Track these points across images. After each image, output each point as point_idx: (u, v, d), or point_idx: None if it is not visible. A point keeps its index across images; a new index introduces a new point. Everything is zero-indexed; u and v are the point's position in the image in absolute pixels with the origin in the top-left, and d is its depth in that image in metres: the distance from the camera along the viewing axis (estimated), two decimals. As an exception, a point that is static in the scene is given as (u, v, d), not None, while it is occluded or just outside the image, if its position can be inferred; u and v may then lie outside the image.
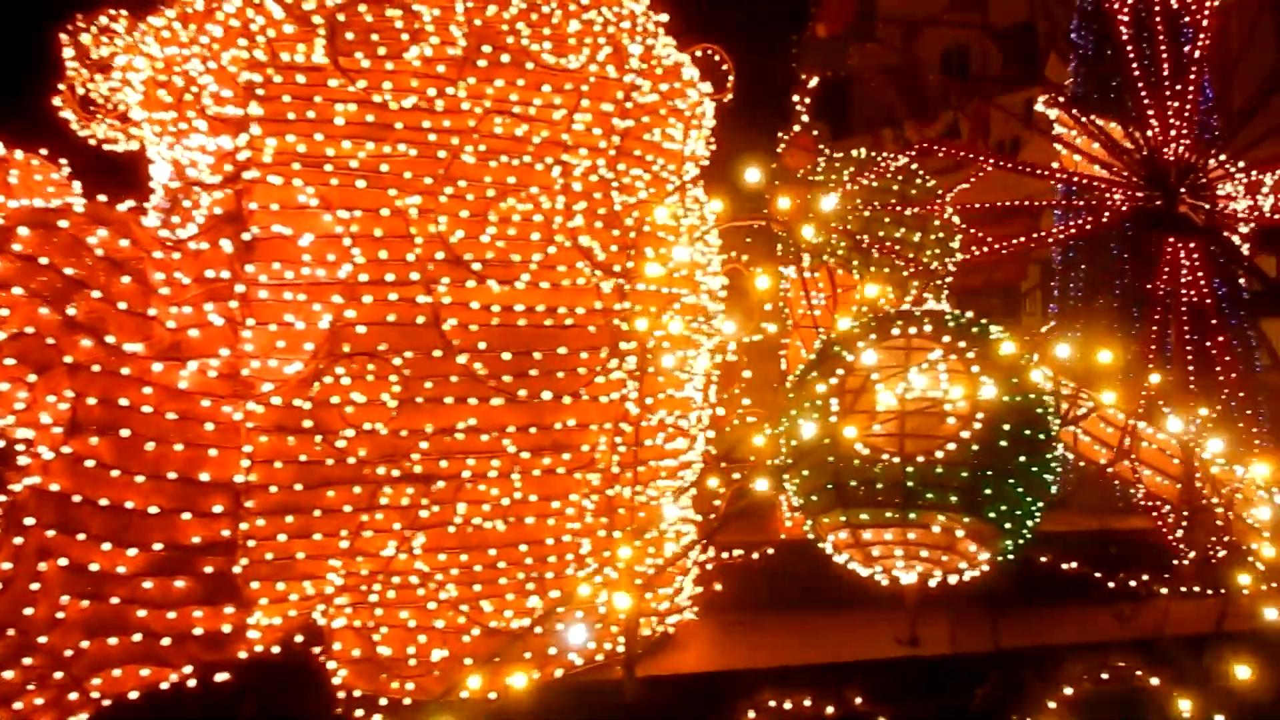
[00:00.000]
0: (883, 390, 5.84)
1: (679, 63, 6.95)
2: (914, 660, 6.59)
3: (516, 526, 5.97)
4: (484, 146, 5.91)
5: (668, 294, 6.57)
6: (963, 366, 5.79)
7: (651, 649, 6.60)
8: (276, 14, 5.69)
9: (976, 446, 5.64)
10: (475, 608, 5.85)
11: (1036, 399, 5.96)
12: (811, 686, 6.29)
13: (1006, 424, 5.70)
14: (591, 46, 6.29)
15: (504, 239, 5.92)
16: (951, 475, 5.67)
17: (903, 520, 5.81)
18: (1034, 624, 7.15)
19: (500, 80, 5.95)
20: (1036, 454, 5.86)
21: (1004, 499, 5.77)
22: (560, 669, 6.08)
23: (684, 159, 6.98)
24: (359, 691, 5.69)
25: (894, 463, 5.74)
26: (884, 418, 5.77)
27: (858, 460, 5.84)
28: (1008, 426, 5.70)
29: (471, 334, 5.77)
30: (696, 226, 6.96)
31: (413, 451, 5.67)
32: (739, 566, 7.62)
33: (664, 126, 6.76)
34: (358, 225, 5.64)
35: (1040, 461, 5.90)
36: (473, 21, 5.92)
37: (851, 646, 6.84)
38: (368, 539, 5.65)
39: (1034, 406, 5.92)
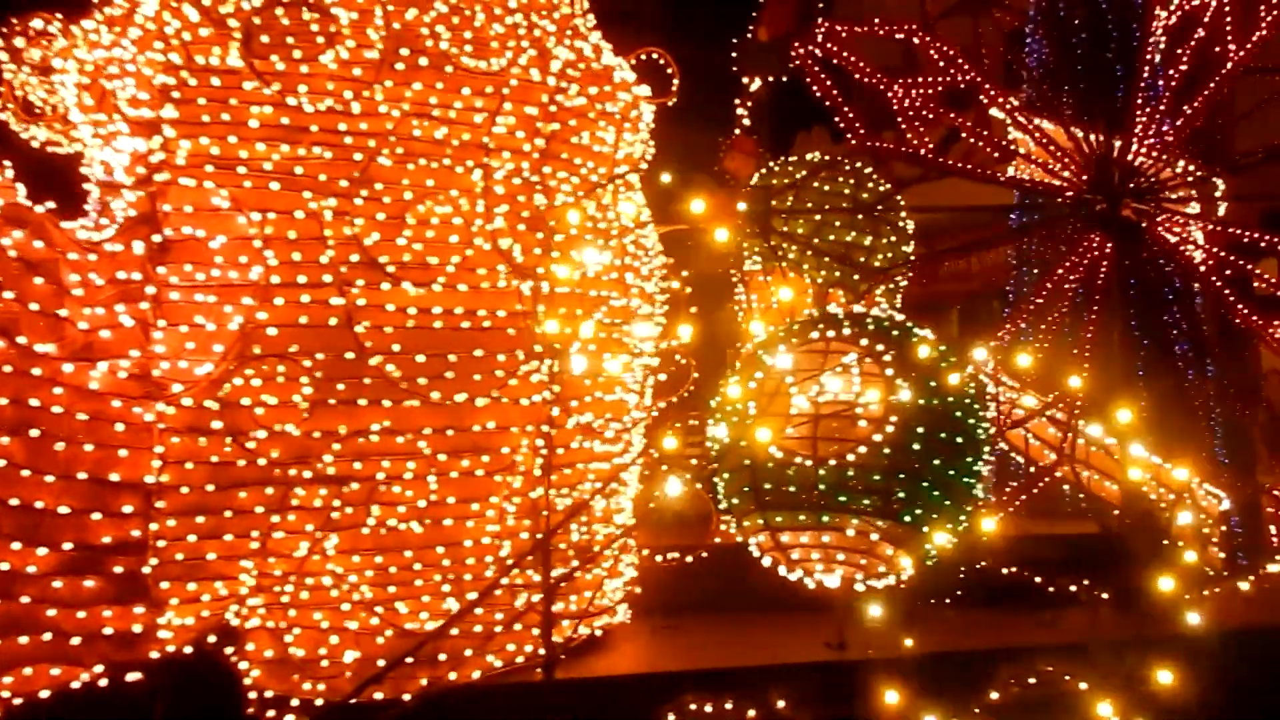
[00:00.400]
0: (797, 393, 5.84)
1: (610, 66, 6.97)
2: (838, 664, 6.57)
3: (434, 528, 5.98)
4: (402, 149, 5.93)
5: (591, 296, 6.59)
6: (877, 369, 5.79)
7: (577, 651, 6.61)
8: (193, 17, 5.72)
9: (889, 450, 5.63)
10: (390, 609, 5.86)
11: (956, 402, 5.95)
12: (735, 689, 6.29)
13: (920, 427, 5.70)
14: (514, 50, 6.31)
15: (422, 241, 5.94)
16: (864, 478, 5.67)
17: (817, 523, 5.81)
18: (965, 627, 7.16)
19: (418, 83, 5.97)
20: (954, 457, 5.85)
21: (920, 502, 5.77)
22: (478, 671, 6.09)
23: (615, 162, 6.99)
24: (271, 692, 5.70)
25: (806, 466, 5.74)
26: (797, 421, 5.77)
27: (771, 464, 5.84)
28: (922, 429, 5.70)
29: (386, 336, 5.79)
30: (628, 229, 6.97)
31: (325, 453, 5.68)
32: (674, 570, 7.65)
33: (593, 130, 6.77)
34: (271, 227, 5.67)
35: (959, 465, 5.89)
36: (391, 25, 5.94)
37: (779, 650, 6.83)
38: (280, 540, 5.67)
39: (952, 410, 5.92)
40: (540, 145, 6.42)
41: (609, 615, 6.98)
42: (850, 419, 5.74)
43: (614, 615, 7.04)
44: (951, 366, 6.10)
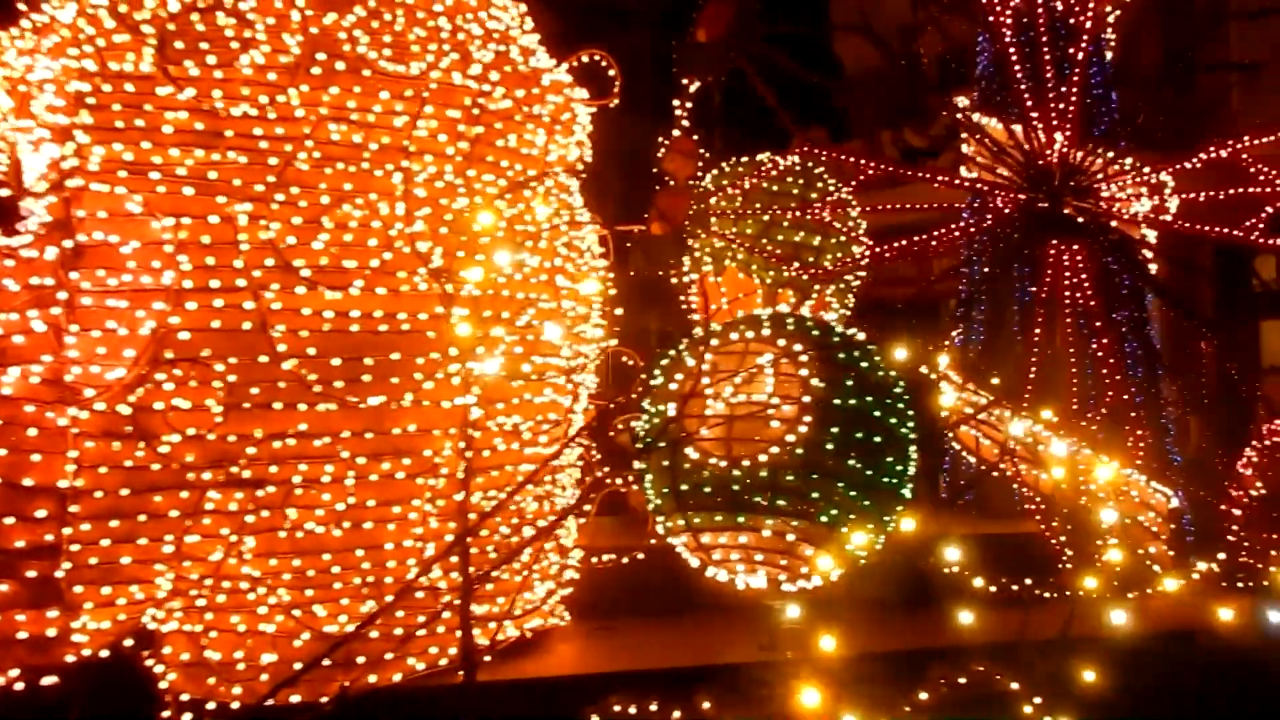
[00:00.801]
0: (712, 394, 5.84)
1: (539, 69, 6.98)
2: (764, 665, 6.56)
3: (354, 531, 5.99)
4: (319, 153, 5.93)
5: (518, 299, 6.60)
6: (792, 369, 5.79)
7: (507, 653, 6.61)
8: (108, 23, 5.74)
9: (802, 450, 5.63)
10: (308, 612, 5.87)
11: (876, 402, 5.95)
12: (661, 691, 6.30)
13: (835, 427, 5.69)
14: (436, 54, 6.32)
15: (339, 245, 5.95)
16: (777, 479, 5.66)
17: (734, 524, 5.81)
18: (898, 627, 7.17)
19: (336, 87, 5.97)
20: (873, 457, 5.84)
21: (837, 503, 5.76)
22: (399, 674, 6.10)
23: (546, 165, 7.00)
24: (187, 695, 5.72)
25: (721, 466, 5.74)
26: (713, 422, 5.77)
27: (688, 464, 5.85)
28: (836, 429, 5.69)
29: (302, 340, 5.80)
30: (559, 231, 6.98)
31: (240, 457, 5.70)
32: (612, 571, 7.66)
33: (520, 132, 6.78)
34: (186, 232, 5.68)
35: (879, 465, 5.88)
36: (308, 29, 5.95)
37: (712, 651, 6.83)
38: (196, 544, 5.68)
39: (871, 409, 5.91)
40: (464, 148, 6.43)
41: (541, 617, 6.99)
42: (764, 420, 5.74)
43: (547, 617, 7.05)
44: (874, 366, 6.09)
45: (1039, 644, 6.60)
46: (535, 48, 7.15)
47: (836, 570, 6.18)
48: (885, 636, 6.98)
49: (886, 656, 6.70)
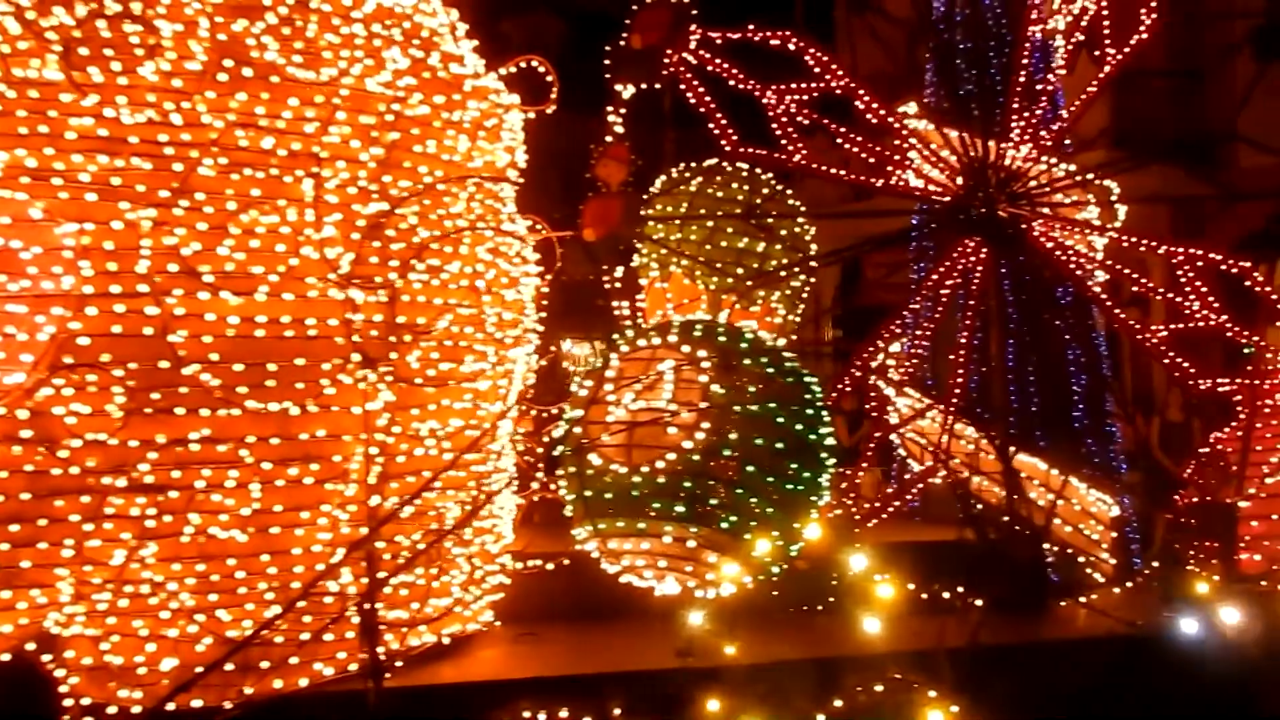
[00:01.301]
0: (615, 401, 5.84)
1: (461, 75, 6.99)
2: (677, 672, 6.54)
3: (260, 536, 6.01)
4: (226, 159, 5.96)
5: (436, 304, 6.61)
6: (693, 376, 5.78)
7: (422, 659, 6.62)
8: (13, 29, 5.78)
9: (699, 456, 5.62)
10: (212, 617, 5.88)
11: (780, 409, 5.92)
12: (573, 698, 6.29)
13: (734, 433, 5.68)
14: (349, 60, 6.34)
15: (245, 251, 5.96)
16: (675, 485, 5.65)
17: (635, 530, 5.80)
18: (817, 634, 7.14)
19: (243, 94, 6.00)
20: (775, 463, 5.82)
21: (737, 509, 5.74)
22: (306, 679, 6.11)
23: (469, 171, 7.01)
24: (89, 699, 5.74)
25: (622, 473, 5.73)
26: (615, 428, 5.77)
27: (591, 471, 5.84)
28: (735, 436, 5.67)
29: (204, 345, 5.82)
30: (483, 235, 6.99)
31: (142, 462, 5.72)
32: (542, 577, 7.65)
33: (440, 138, 6.79)
34: (89, 238, 5.71)
35: (783, 471, 5.86)
36: (216, 36, 5.98)
37: (627, 657, 6.82)
38: (98, 548, 5.71)
39: (774, 415, 5.89)
40: (379, 154, 6.45)
41: (461, 623, 7.00)
42: (663, 426, 5.73)
43: (467, 623, 7.05)
44: (785, 373, 6.08)
45: (953, 651, 6.56)
46: (462, 54, 7.17)
47: (746, 577, 6.16)
48: (802, 644, 6.95)
49: (802, 664, 6.66)
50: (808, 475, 5.95)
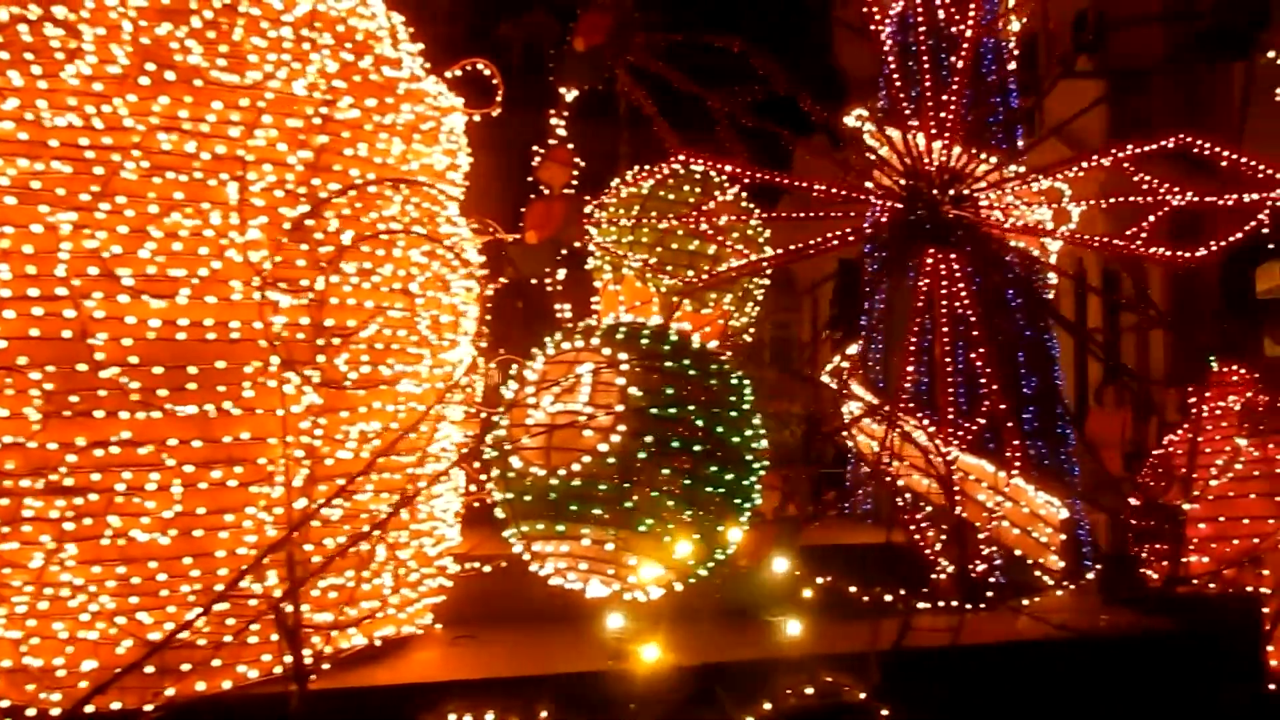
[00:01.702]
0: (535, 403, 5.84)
1: (394, 79, 7.00)
2: (606, 674, 6.53)
3: (183, 539, 6.01)
4: (148, 163, 5.97)
5: (367, 307, 6.61)
6: (611, 378, 5.78)
7: (354, 661, 6.62)
8: (-68, 34, 5.80)
9: (613, 459, 5.62)
10: (133, 620, 5.89)
11: (699, 410, 5.92)
12: (502, 700, 6.29)
13: (649, 435, 5.67)
14: (275, 63, 6.35)
15: (167, 254, 5.97)
16: (591, 488, 5.66)
17: (554, 533, 5.81)
18: (749, 637, 7.14)
19: (166, 97, 6.02)
20: (693, 466, 5.81)
21: (654, 511, 5.74)
22: (230, 681, 6.11)
23: (404, 174, 7.02)
24: (7, 702, 5.76)
25: (540, 475, 5.74)
26: (534, 431, 5.77)
27: (512, 473, 5.85)
28: (650, 439, 5.67)
29: (124, 348, 5.83)
30: (420, 239, 6.99)
31: (60, 465, 5.73)
32: (484, 579, 7.66)
33: (372, 142, 6.80)
34: (8, 241, 5.73)
35: (700, 474, 5.85)
36: (139, 40, 6.00)
37: (560, 660, 6.81)
38: (15, 551, 5.72)
39: (693, 417, 5.88)
40: (307, 158, 6.46)
41: (395, 625, 7.00)
42: (580, 429, 5.73)
43: (401, 625, 7.05)
44: (709, 375, 6.07)
45: (882, 654, 6.55)
46: (399, 57, 7.18)
47: (673, 580, 6.16)
48: (734, 646, 6.94)
49: (732, 666, 6.65)
50: (730, 478, 5.94)
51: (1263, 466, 8.33)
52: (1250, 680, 7.98)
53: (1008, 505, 8.61)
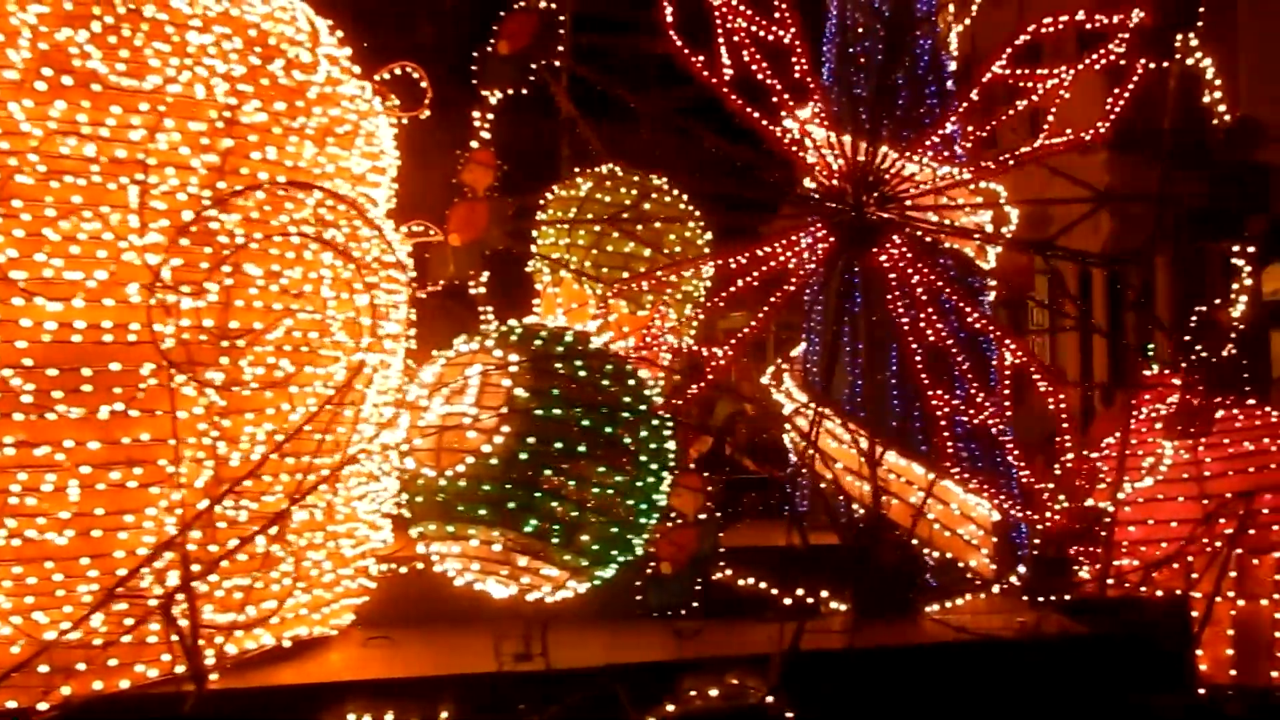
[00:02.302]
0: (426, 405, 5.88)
1: (305, 82, 7.04)
2: (510, 675, 6.55)
3: (81, 540, 6.07)
4: (45, 167, 6.03)
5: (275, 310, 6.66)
6: (498, 380, 5.81)
7: (262, 662, 6.66)
8: None
9: (496, 461, 5.65)
10: (29, 619, 5.95)
11: (586, 412, 5.93)
12: (402, 701, 6.32)
13: (531, 437, 5.70)
14: (178, 68, 6.40)
15: (64, 257, 6.03)
16: (475, 489, 5.69)
17: (444, 534, 5.84)
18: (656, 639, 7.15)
19: (63, 102, 6.08)
20: (579, 469, 5.82)
21: (538, 513, 5.76)
22: (128, 681, 6.16)
23: (315, 177, 7.06)
24: (-95, 701, 5.82)
25: (431, 476, 5.77)
26: (425, 432, 5.81)
27: (405, 475, 5.89)
28: (532, 440, 5.70)
29: (18, 351, 5.90)
30: (330, 243, 7.03)
31: (-46, 466, 5.80)
32: (406, 580, 7.69)
33: (281, 145, 6.85)
34: (-96, 246, 5.81)
35: (587, 475, 5.86)
36: (37, 45, 6.06)
37: (467, 661, 6.83)
38: (-89, 551, 5.79)
39: (579, 418, 5.89)
40: (212, 161, 6.51)
41: (308, 626, 7.04)
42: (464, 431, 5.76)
43: (314, 626, 7.09)
44: (601, 377, 6.09)
45: (783, 656, 6.55)
46: (314, 60, 7.22)
47: (572, 582, 6.19)
48: (641, 647, 6.96)
49: (636, 668, 6.66)
50: (620, 480, 5.94)
51: (1191, 469, 8.29)
52: (1180, 685, 7.96)
53: (938, 507, 8.59)
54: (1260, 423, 8.53)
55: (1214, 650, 8.15)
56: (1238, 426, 8.49)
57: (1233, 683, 8.11)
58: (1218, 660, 8.17)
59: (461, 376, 5.84)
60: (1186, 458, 8.35)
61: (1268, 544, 8.02)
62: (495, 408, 5.72)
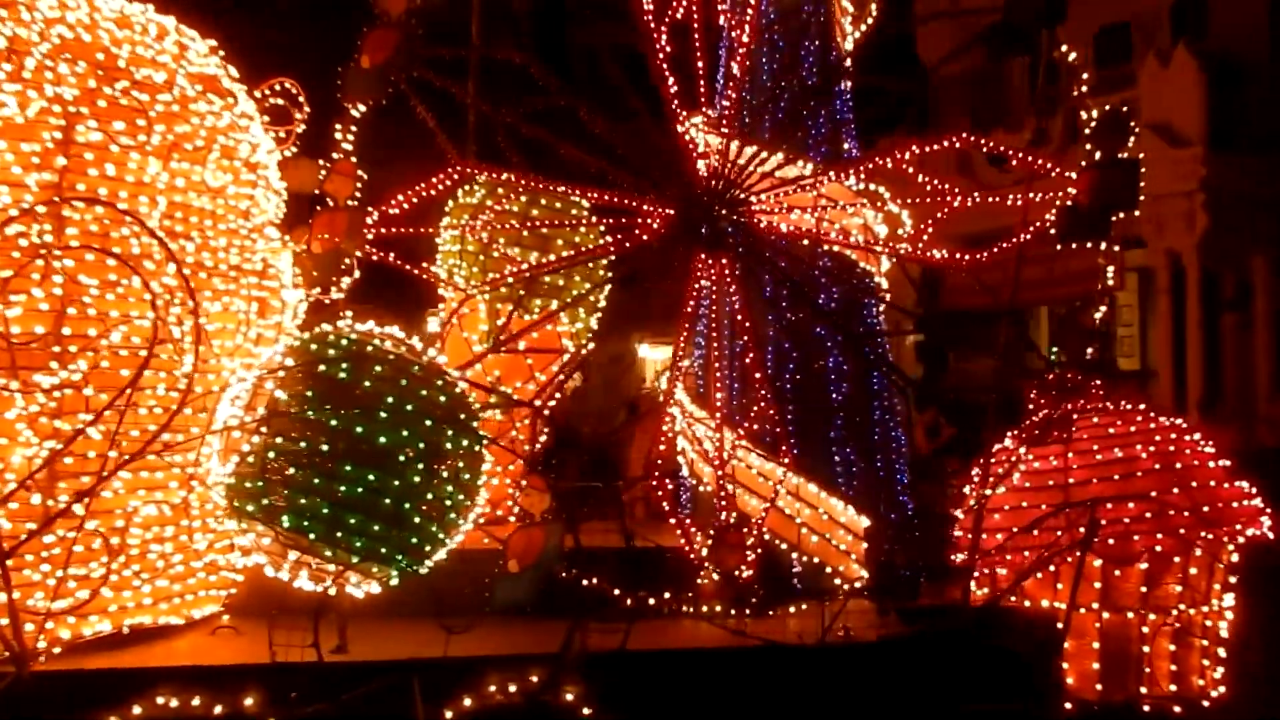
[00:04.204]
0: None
1: (147, 101, 7.44)
2: (313, 666, 6.81)
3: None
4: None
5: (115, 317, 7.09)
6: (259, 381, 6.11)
7: (91, 647, 7.08)
8: None
9: (252, 459, 5.96)
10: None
11: (341, 414, 6.13)
12: (214, 687, 6.65)
13: (278, 436, 5.98)
14: (15, 93, 6.89)
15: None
16: (240, 487, 6.02)
17: (235, 528, 6.19)
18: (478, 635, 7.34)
19: (-108, 127, 6.63)
20: (329, 466, 6.06)
21: (296, 509, 6.04)
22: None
23: (160, 190, 7.47)
24: None
25: (219, 475, 6.12)
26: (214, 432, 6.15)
27: (202, 471, 6.26)
28: (279, 439, 5.98)
29: None
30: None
31: None
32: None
33: (121, 162, 7.28)
34: None
35: (336, 475, 6.08)
36: None
37: (286, 651, 7.10)
38: None
39: (328, 420, 6.10)
40: (48, 179, 6.98)
41: (151, 615, 7.46)
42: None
43: (158, 615, 7.51)
44: (363, 379, 6.30)
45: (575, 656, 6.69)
46: (167, 78, 7.64)
47: (355, 577, 6.45)
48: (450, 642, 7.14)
49: (439, 663, 6.86)
50: (372, 479, 6.12)
51: (1056, 477, 8.08)
52: (1037, 696, 7.80)
53: (805, 511, 8.59)
54: (1136, 429, 8.25)
55: (1080, 664, 7.94)
56: (1111, 433, 8.23)
57: (1099, 697, 7.89)
58: (1084, 674, 7.95)
59: (251, 380, 6.18)
60: (1055, 464, 8.14)
61: (1129, 554, 7.76)
62: (255, 409, 6.02)
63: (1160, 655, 7.88)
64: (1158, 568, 7.75)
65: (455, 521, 6.82)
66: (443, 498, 6.51)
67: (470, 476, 6.81)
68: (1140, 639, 7.86)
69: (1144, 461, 7.98)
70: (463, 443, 6.69)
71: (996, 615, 8.12)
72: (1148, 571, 7.74)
